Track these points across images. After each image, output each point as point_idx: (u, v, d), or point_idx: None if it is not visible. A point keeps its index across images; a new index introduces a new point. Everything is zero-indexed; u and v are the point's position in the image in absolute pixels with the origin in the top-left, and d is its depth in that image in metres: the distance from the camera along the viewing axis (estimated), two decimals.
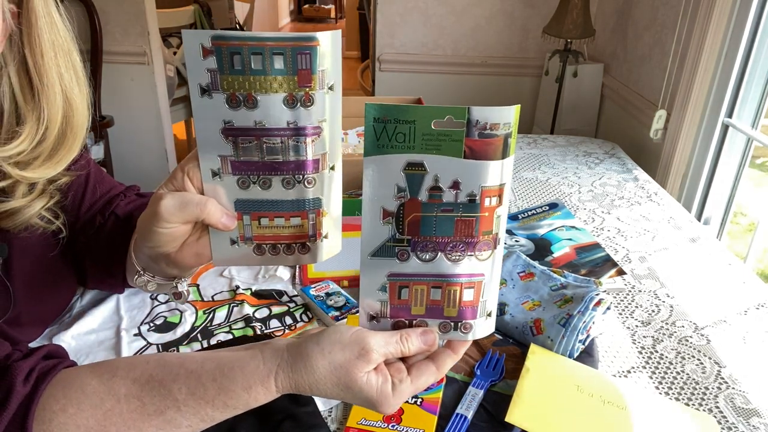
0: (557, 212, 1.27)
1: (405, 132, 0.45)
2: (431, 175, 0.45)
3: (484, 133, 0.44)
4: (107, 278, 0.81)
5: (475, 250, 0.47)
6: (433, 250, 0.47)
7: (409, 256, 0.48)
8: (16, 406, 0.50)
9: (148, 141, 2.63)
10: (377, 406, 0.50)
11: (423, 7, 2.38)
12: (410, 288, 0.49)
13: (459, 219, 0.46)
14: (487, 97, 2.53)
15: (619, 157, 1.65)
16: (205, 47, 0.45)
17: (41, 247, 0.76)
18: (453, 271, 0.48)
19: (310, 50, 0.45)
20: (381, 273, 0.49)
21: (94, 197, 0.81)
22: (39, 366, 0.53)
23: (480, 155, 0.44)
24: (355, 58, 6.26)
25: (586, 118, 2.31)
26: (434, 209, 0.46)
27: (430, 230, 0.47)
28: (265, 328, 0.87)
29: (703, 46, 1.54)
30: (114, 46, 2.42)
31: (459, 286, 0.48)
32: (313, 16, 8.76)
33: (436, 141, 0.44)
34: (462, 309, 0.49)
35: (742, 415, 0.75)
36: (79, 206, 0.79)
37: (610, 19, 2.22)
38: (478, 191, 0.45)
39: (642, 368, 0.84)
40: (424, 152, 0.45)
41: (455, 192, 0.46)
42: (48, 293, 0.79)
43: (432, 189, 0.46)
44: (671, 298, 1.00)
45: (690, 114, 1.62)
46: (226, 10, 3.71)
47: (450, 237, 0.47)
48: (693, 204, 1.70)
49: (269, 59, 0.45)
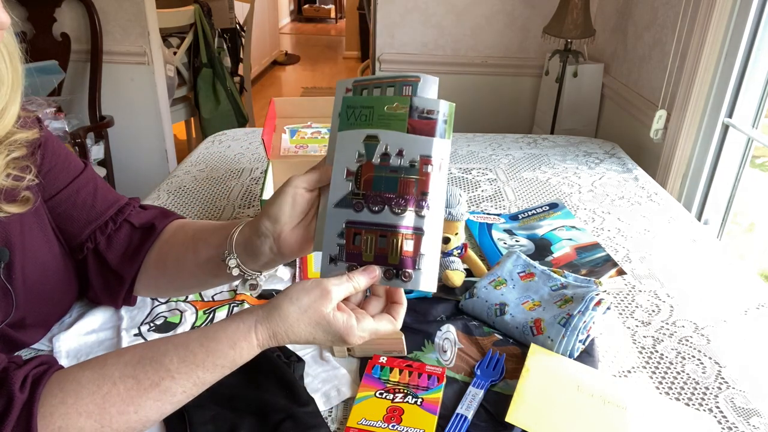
0: (557, 212, 1.27)
1: (366, 114, 0.60)
2: (382, 145, 0.59)
3: (422, 116, 0.58)
4: (114, 285, 0.82)
5: (415, 206, 0.58)
6: (381, 204, 0.59)
7: (363, 207, 0.59)
8: (18, 411, 0.52)
9: (148, 141, 2.63)
10: (345, 336, 0.58)
11: (423, 7, 2.38)
12: (362, 235, 0.59)
13: (401, 179, 0.58)
14: (487, 97, 2.53)
15: (619, 157, 1.65)
16: (348, 87, 0.63)
17: (43, 251, 0.76)
18: (396, 222, 0.58)
19: (412, 84, 0.60)
20: (341, 221, 0.60)
21: (104, 206, 0.81)
22: (32, 372, 0.56)
23: (419, 132, 0.58)
24: (355, 58, 6.26)
25: (586, 118, 2.31)
26: (383, 171, 0.59)
27: (379, 187, 0.59)
28: None
29: (703, 46, 1.54)
30: (114, 46, 2.42)
31: (400, 236, 0.58)
32: (313, 16, 8.76)
33: (387, 120, 0.59)
34: (403, 258, 0.58)
35: (742, 415, 0.75)
36: (88, 215, 0.80)
37: (610, 19, 2.22)
38: (417, 159, 0.58)
39: (642, 368, 0.84)
40: (379, 128, 0.59)
41: (400, 159, 0.58)
42: (50, 296, 0.79)
43: (383, 155, 0.59)
44: (671, 298, 1.00)
45: (690, 114, 1.62)
46: (226, 10, 3.71)
47: (394, 193, 0.58)
48: (693, 204, 1.70)
49: (386, 91, 0.62)
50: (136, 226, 0.81)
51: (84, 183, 0.80)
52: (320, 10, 8.74)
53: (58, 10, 2.34)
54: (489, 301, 0.91)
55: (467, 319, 0.91)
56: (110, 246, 0.80)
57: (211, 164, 1.52)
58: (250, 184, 1.40)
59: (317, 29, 8.36)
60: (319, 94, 5.02)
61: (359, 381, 0.77)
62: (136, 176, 2.65)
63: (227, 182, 1.41)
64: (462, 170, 1.52)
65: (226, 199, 1.32)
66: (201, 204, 1.30)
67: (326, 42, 7.62)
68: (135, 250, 0.80)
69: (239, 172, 1.47)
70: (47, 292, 0.78)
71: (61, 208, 0.78)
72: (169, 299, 0.92)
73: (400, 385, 0.76)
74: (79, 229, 0.79)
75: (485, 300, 0.91)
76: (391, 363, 0.80)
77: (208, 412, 0.70)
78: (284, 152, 1.25)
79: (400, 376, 0.77)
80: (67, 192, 0.78)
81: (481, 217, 1.23)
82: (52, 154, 0.77)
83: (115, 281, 0.81)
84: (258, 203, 1.07)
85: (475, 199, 1.36)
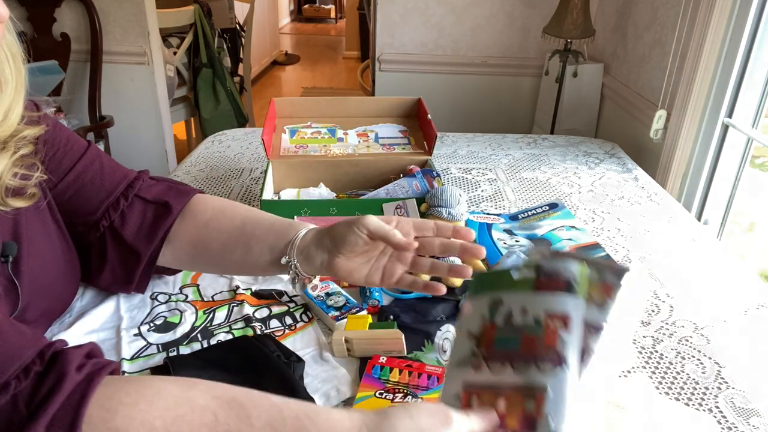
0: (557, 212, 1.27)
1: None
2: (506, 306, 0.57)
3: (550, 276, 0.55)
4: (131, 262, 0.81)
5: (538, 362, 0.52)
6: (502, 362, 0.55)
7: (482, 366, 0.56)
8: (69, 390, 0.50)
9: (148, 141, 2.63)
10: None
11: (423, 7, 2.38)
12: (479, 396, 0.55)
13: (525, 335, 0.54)
14: (487, 97, 2.53)
15: (619, 157, 1.65)
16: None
17: (44, 244, 0.76)
18: (515, 381, 0.53)
19: None
20: (458, 380, 0.57)
21: (113, 182, 0.81)
22: (91, 362, 0.54)
23: (545, 289, 0.55)
24: (355, 58, 6.26)
25: (586, 118, 2.31)
26: (506, 329, 0.56)
27: (501, 345, 0.55)
28: (265, 328, 0.87)
29: (703, 46, 1.54)
30: (114, 46, 2.42)
31: (521, 395, 0.52)
32: (313, 16, 8.76)
33: (513, 284, 0.57)
34: (523, 418, 0.52)
35: (742, 415, 0.75)
36: (98, 194, 0.79)
37: (610, 19, 2.22)
38: (542, 315, 0.54)
39: (642, 368, 0.84)
40: (503, 292, 0.58)
41: (523, 316, 0.55)
42: (51, 291, 0.79)
43: (507, 315, 0.56)
44: (671, 298, 1.00)
45: (690, 114, 1.62)
46: (226, 10, 3.71)
47: (516, 350, 0.54)
48: (693, 204, 1.70)
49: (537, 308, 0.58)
50: (149, 200, 0.81)
51: (90, 162, 0.80)
52: (320, 10, 8.73)
53: (58, 10, 2.34)
54: None
55: None
56: (124, 222, 0.80)
57: (211, 164, 1.52)
58: (250, 184, 1.40)
59: (317, 29, 8.35)
60: (319, 94, 5.01)
61: (359, 381, 0.77)
62: None
63: (227, 182, 1.41)
64: (462, 170, 1.52)
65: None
66: None
67: (326, 42, 7.62)
68: (150, 227, 0.80)
69: (239, 172, 1.47)
70: (49, 286, 0.78)
71: (71, 191, 0.78)
72: (169, 299, 0.92)
73: (399, 385, 0.76)
74: (92, 208, 0.79)
75: None
76: (390, 363, 0.80)
77: None
78: (284, 152, 1.25)
79: (399, 376, 0.77)
80: (74, 174, 0.78)
81: (481, 217, 1.23)
82: (54, 139, 0.77)
83: (131, 258, 0.81)
84: (258, 203, 1.07)
85: (475, 199, 1.36)
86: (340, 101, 1.38)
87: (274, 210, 1.03)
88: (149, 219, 0.80)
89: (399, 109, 1.40)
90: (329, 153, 1.24)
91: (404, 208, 1.00)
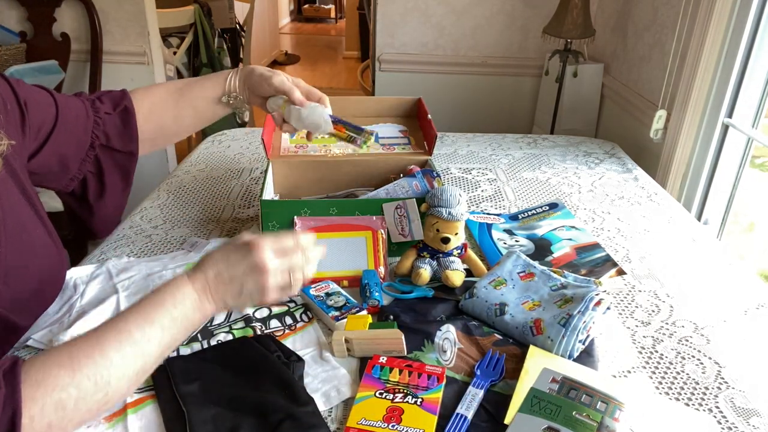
0: (557, 212, 1.27)
1: (552, 410, 0.67)
2: None
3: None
4: (128, 165, 0.98)
5: None
6: None
7: None
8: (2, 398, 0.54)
9: None
10: (249, 243, 0.68)
11: (423, 7, 2.38)
12: None
13: None
14: (487, 97, 2.53)
15: (619, 157, 1.65)
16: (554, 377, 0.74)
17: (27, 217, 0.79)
18: None
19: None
20: None
21: (81, 111, 0.90)
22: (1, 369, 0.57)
23: None
24: (355, 58, 6.26)
25: (586, 118, 2.31)
26: None
27: None
28: (265, 328, 0.87)
29: (703, 46, 1.54)
30: (114, 46, 2.42)
31: None
32: (313, 16, 8.75)
33: (573, 423, 0.63)
34: None
35: (742, 415, 0.75)
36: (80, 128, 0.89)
37: (610, 19, 2.22)
38: None
39: (642, 368, 0.84)
40: (562, 425, 0.64)
41: None
42: (38, 271, 0.81)
43: None
44: (671, 298, 1.00)
45: (690, 114, 1.61)
46: (226, 10, 3.71)
47: None
48: (693, 204, 1.70)
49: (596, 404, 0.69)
50: (112, 112, 0.93)
51: (63, 107, 0.87)
52: (320, 10, 8.73)
53: (58, 10, 2.34)
54: (489, 301, 0.91)
55: (467, 319, 0.91)
56: (109, 137, 0.92)
57: (211, 164, 1.52)
58: (250, 184, 1.40)
59: (317, 29, 8.35)
60: None
61: (359, 381, 0.77)
62: (136, 176, 2.61)
63: (227, 182, 1.41)
64: (462, 170, 1.52)
65: (226, 199, 1.32)
66: (201, 204, 1.30)
67: (326, 42, 7.62)
68: (125, 129, 0.94)
69: (239, 172, 1.47)
70: (35, 266, 0.80)
71: (61, 139, 0.85)
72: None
73: (399, 385, 0.76)
74: (83, 139, 0.89)
75: (485, 300, 0.91)
76: (390, 363, 0.80)
77: (208, 412, 0.70)
78: (284, 152, 1.25)
79: (399, 376, 0.77)
80: (59, 128, 0.85)
81: (481, 217, 1.23)
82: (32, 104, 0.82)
83: (127, 161, 0.97)
84: (258, 203, 1.07)
85: (475, 199, 1.36)
86: (340, 101, 1.38)
87: (274, 210, 1.03)
88: (119, 125, 0.93)
89: (399, 109, 1.40)
90: (329, 153, 1.24)
91: (404, 208, 1.00)
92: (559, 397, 0.71)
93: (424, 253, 1.00)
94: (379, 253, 1.02)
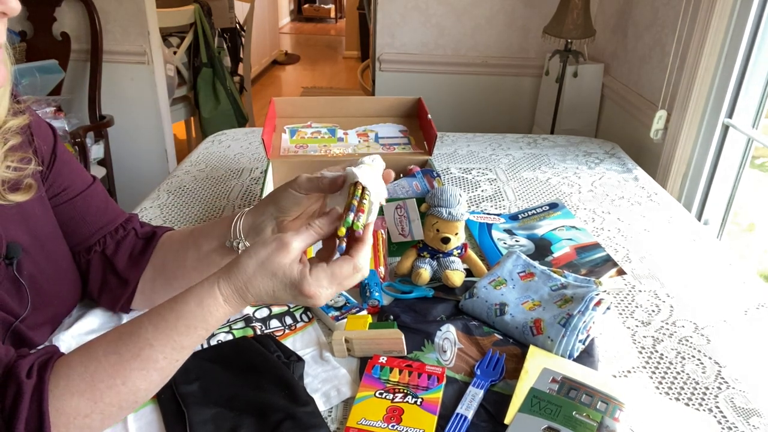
0: (557, 212, 1.27)
1: (552, 410, 0.67)
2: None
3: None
4: (116, 289, 0.84)
5: None
6: None
7: None
8: (29, 397, 0.55)
9: (148, 141, 2.63)
10: (300, 286, 0.59)
11: (423, 7, 2.38)
12: None
13: None
14: (487, 97, 2.53)
15: (619, 157, 1.65)
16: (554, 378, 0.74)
17: (53, 245, 0.78)
18: None
19: None
20: None
21: (114, 214, 0.85)
22: (37, 360, 0.58)
23: None
24: (355, 57, 6.26)
25: (586, 118, 2.31)
26: None
27: None
28: (265, 328, 0.87)
29: (703, 46, 1.54)
30: (114, 46, 2.42)
31: None
32: (313, 15, 8.75)
33: (573, 423, 0.65)
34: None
35: (742, 415, 0.75)
36: (101, 220, 0.83)
37: (610, 19, 2.22)
38: None
39: (642, 368, 0.84)
40: (562, 425, 0.65)
41: None
42: (58, 292, 0.81)
43: None
44: (671, 298, 1.00)
45: (690, 114, 1.61)
46: (226, 10, 3.71)
47: None
48: (693, 204, 1.70)
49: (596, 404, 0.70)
50: (139, 235, 0.86)
51: (96, 192, 0.84)
52: (320, 10, 8.73)
53: (58, 9, 2.34)
54: (489, 301, 0.91)
55: (467, 319, 0.91)
56: (118, 251, 0.83)
57: (211, 164, 1.52)
58: (250, 184, 1.40)
59: (317, 29, 8.35)
60: (319, 93, 5.01)
61: (359, 381, 0.77)
62: (136, 176, 2.65)
63: (227, 182, 1.41)
64: (462, 170, 1.52)
65: (226, 199, 1.32)
66: (201, 204, 1.30)
67: (326, 42, 7.62)
68: (138, 255, 0.84)
69: (239, 171, 1.47)
70: (56, 287, 0.80)
71: (75, 212, 0.81)
72: None
73: (399, 385, 0.76)
74: (90, 232, 0.82)
75: (485, 300, 0.91)
76: (391, 363, 0.80)
77: (208, 411, 0.70)
78: (284, 152, 1.25)
79: (399, 376, 0.77)
80: (82, 197, 0.81)
81: (481, 217, 1.23)
82: (63, 162, 0.79)
83: (118, 286, 0.84)
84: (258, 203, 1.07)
85: (475, 199, 1.36)
86: (340, 101, 1.38)
87: None
88: (138, 249, 0.85)
89: (399, 109, 1.40)
90: (329, 153, 1.24)
91: (404, 208, 1.00)
92: (559, 397, 0.71)
93: (424, 253, 1.00)
94: (379, 253, 1.02)
